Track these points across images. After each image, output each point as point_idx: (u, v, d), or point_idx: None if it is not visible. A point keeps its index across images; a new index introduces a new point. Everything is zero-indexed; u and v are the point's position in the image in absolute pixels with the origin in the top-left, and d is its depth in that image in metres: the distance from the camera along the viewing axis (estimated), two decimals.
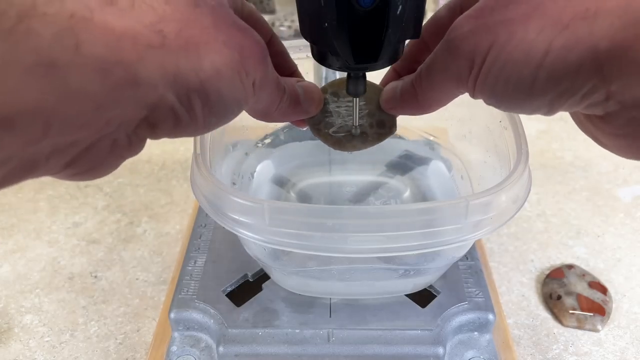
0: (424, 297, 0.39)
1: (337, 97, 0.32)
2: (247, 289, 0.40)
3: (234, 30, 0.21)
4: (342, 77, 0.32)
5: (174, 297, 0.39)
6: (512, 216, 0.30)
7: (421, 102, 0.27)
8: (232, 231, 0.30)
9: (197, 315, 0.38)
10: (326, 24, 0.25)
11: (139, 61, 0.18)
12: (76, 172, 0.19)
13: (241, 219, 0.29)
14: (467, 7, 0.25)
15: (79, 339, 0.42)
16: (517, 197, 0.30)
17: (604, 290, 0.44)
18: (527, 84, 0.21)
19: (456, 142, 0.46)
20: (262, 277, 0.41)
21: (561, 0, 0.20)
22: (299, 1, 0.26)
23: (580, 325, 0.42)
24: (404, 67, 0.31)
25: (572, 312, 0.42)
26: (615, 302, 0.44)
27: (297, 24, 0.66)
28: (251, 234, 0.29)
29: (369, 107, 0.31)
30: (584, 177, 0.58)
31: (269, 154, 0.47)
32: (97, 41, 0.17)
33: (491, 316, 0.37)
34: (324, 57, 0.28)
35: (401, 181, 0.46)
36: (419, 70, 0.27)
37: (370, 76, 0.30)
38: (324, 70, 0.44)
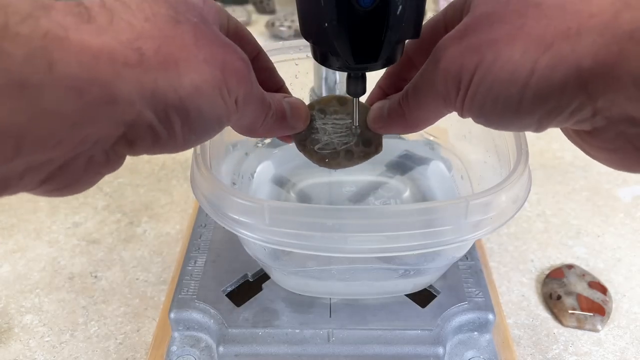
0: (424, 297, 0.39)
1: (324, 114, 0.32)
2: (247, 289, 0.40)
3: (216, 47, 0.21)
4: (329, 94, 0.32)
5: (174, 297, 0.39)
6: (512, 216, 0.30)
7: (409, 121, 0.27)
8: (232, 231, 0.30)
9: (197, 315, 0.38)
10: (326, 24, 0.25)
11: (116, 79, 0.17)
12: (52, 188, 0.19)
13: (241, 219, 0.29)
14: (450, 25, 0.25)
15: (79, 339, 0.42)
16: (517, 197, 0.30)
17: (603, 290, 0.44)
18: (514, 103, 0.21)
19: (456, 142, 0.46)
20: (262, 277, 0.41)
21: (544, 19, 0.20)
22: (299, 1, 0.26)
23: (580, 325, 0.42)
24: (390, 85, 0.31)
25: (572, 312, 0.42)
26: (615, 302, 0.44)
27: (297, 24, 0.66)
28: (251, 234, 0.29)
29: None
30: (584, 177, 0.58)
31: (269, 154, 0.47)
32: (72, 60, 0.16)
33: (491, 316, 0.37)
34: (324, 57, 0.28)
35: (401, 181, 0.46)
36: (406, 89, 0.27)
37: (370, 77, 0.30)
38: (324, 70, 0.44)
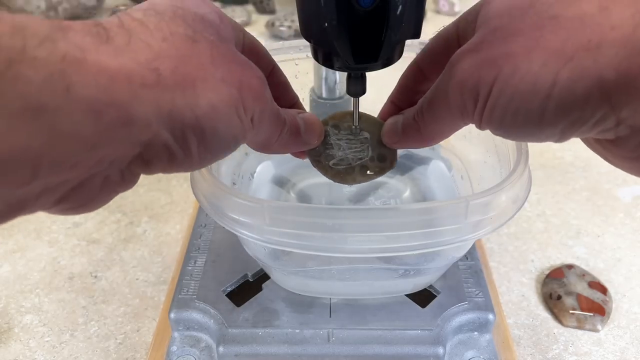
0: (424, 297, 0.39)
1: (338, 129, 0.32)
2: (247, 289, 0.40)
3: (233, 65, 0.21)
4: (342, 110, 0.32)
5: (174, 297, 0.39)
6: (512, 216, 0.30)
7: (424, 135, 0.27)
8: (232, 231, 0.30)
9: (197, 315, 0.38)
10: (326, 24, 0.25)
11: (133, 100, 0.17)
12: (68, 207, 0.19)
13: (241, 219, 0.29)
14: (463, 38, 0.25)
15: (79, 339, 0.42)
16: (517, 197, 0.30)
17: (604, 290, 0.44)
18: (536, 115, 0.21)
19: (456, 142, 0.46)
20: (262, 277, 0.41)
21: (561, 32, 0.20)
22: (299, 1, 0.26)
23: (580, 325, 0.42)
24: (403, 99, 0.31)
25: (572, 312, 0.42)
26: (615, 302, 0.44)
27: (297, 24, 0.66)
28: (251, 234, 0.29)
29: (371, 141, 0.32)
30: (584, 177, 0.58)
31: (269, 154, 0.47)
32: (89, 82, 0.16)
33: (491, 316, 0.37)
34: (324, 57, 0.28)
35: (401, 181, 0.46)
36: (421, 103, 0.27)
37: (370, 77, 0.30)
38: (324, 70, 0.44)
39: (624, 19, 0.19)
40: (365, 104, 0.32)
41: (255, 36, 0.28)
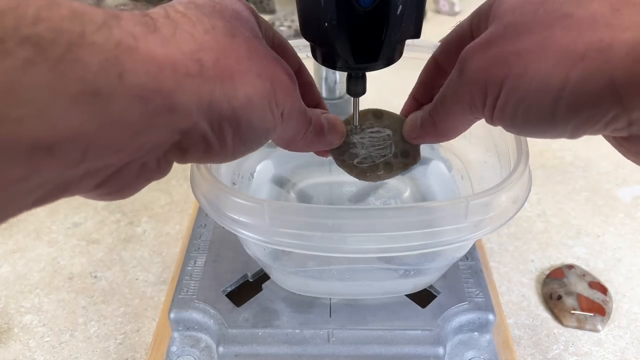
0: (424, 297, 0.39)
1: (360, 128, 0.32)
2: (247, 289, 0.40)
3: (267, 61, 0.22)
4: (363, 109, 0.32)
5: (174, 297, 0.39)
6: (512, 216, 0.30)
7: (439, 130, 0.28)
8: (232, 231, 0.30)
9: (197, 315, 0.38)
10: (326, 24, 0.25)
11: (177, 89, 0.18)
12: (105, 192, 0.20)
13: (241, 219, 0.29)
14: (477, 32, 0.25)
15: (78, 339, 0.42)
16: (517, 197, 0.30)
17: (604, 290, 0.44)
18: (547, 114, 0.21)
19: (456, 142, 0.46)
20: (262, 277, 0.41)
21: (572, 31, 0.20)
22: (299, 1, 0.26)
23: (580, 325, 0.42)
24: (424, 94, 0.31)
25: (572, 312, 0.42)
26: (615, 302, 0.44)
27: (297, 24, 0.66)
28: (251, 234, 0.29)
29: (393, 138, 0.32)
30: (584, 177, 0.58)
31: (269, 154, 0.47)
32: (140, 70, 0.17)
33: (491, 316, 0.37)
34: (324, 57, 0.28)
35: (401, 181, 0.46)
36: (435, 99, 0.27)
37: (370, 77, 0.30)
38: (324, 70, 0.44)
39: (636, 22, 0.19)
40: (365, 104, 0.32)
41: None
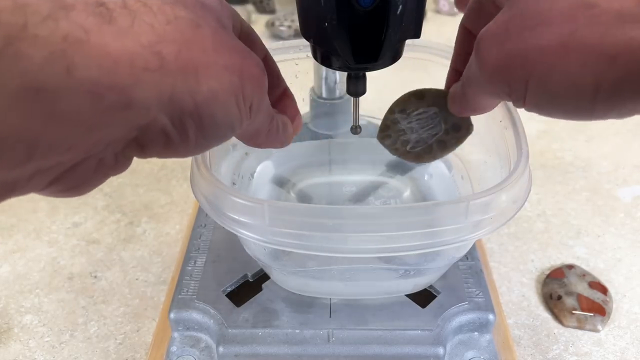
0: (424, 297, 0.39)
1: (405, 113, 0.32)
2: (247, 289, 0.40)
3: (235, 53, 0.21)
4: (404, 93, 0.32)
5: (174, 297, 0.39)
6: (512, 216, 0.30)
7: (472, 106, 0.27)
8: (232, 231, 0.30)
9: (197, 315, 0.38)
10: (326, 24, 0.25)
11: (135, 84, 0.17)
12: (60, 189, 0.19)
13: (241, 219, 0.29)
14: None
15: (78, 339, 0.42)
16: (517, 197, 0.30)
17: (604, 290, 0.44)
18: (585, 109, 0.20)
19: None
20: (262, 277, 0.41)
21: (598, 26, 0.19)
22: (299, 1, 0.26)
23: (580, 325, 0.42)
24: (461, 63, 0.30)
25: (572, 312, 0.42)
26: (615, 302, 0.44)
27: (297, 24, 0.66)
28: (251, 234, 0.29)
29: (441, 114, 0.31)
30: (584, 177, 0.58)
31: (269, 154, 0.47)
32: (91, 64, 0.16)
33: (491, 316, 0.37)
34: (324, 57, 0.28)
35: (401, 181, 0.46)
36: (462, 79, 0.27)
37: (370, 77, 0.30)
38: (324, 70, 0.44)
39: None
40: (365, 104, 0.32)
41: None
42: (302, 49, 0.42)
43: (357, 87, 0.29)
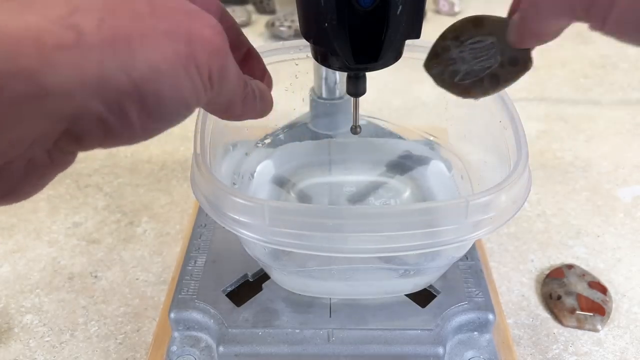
0: (424, 297, 0.39)
1: (459, 41, 0.28)
2: (247, 289, 0.40)
3: (180, 15, 0.18)
4: (462, 18, 0.28)
5: (174, 297, 0.39)
6: (512, 216, 0.30)
7: (536, 32, 0.24)
8: (232, 231, 0.30)
9: (197, 315, 0.38)
10: (326, 24, 0.25)
11: (45, 67, 0.14)
12: None
13: (241, 219, 0.29)
14: None
15: (79, 339, 0.42)
16: (517, 197, 0.30)
17: (604, 290, 0.44)
18: None
19: (456, 142, 0.46)
20: (262, 277, 0.41)
21: None
22: (299, 1, 0.26)
23: (580, 325, 0.42)
24: None
25: (572, 312, 0.42)
26: (615, 302, 0.44)
27: (297, 24, 0.66)
28: (251, 234, 0.29)
29: (498, 45, 0.28)
30: (584, 177, 0.58)
31: (269, 154, 0.47)
32: None
33: (491, 316, 0.37)
34: (324, 57, 0.28)
35: (401, 181, 0.46)
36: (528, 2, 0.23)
37: (370, 77, 0.30)
38: (324, 70, 0.44)
39: None
40: (365, 104, 0.32)
41: (255, 36, 0.28)
42: (302, 49, 0.42)
43: (357, 87, 0.29)
